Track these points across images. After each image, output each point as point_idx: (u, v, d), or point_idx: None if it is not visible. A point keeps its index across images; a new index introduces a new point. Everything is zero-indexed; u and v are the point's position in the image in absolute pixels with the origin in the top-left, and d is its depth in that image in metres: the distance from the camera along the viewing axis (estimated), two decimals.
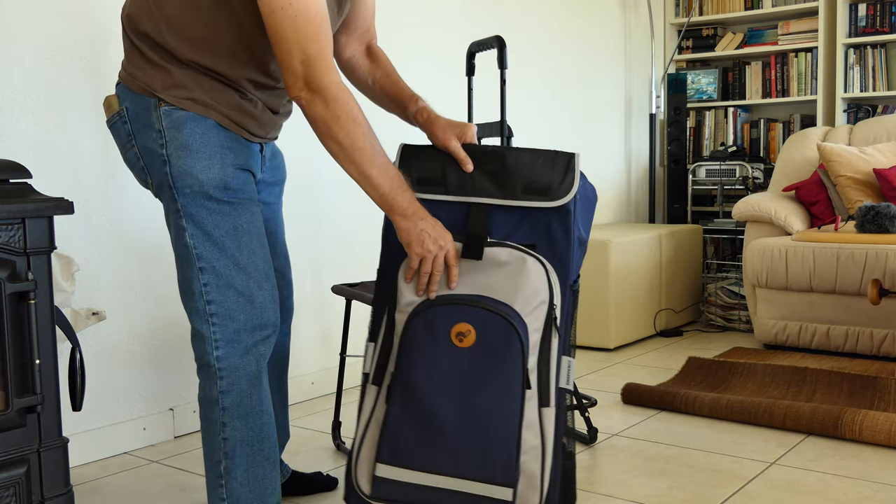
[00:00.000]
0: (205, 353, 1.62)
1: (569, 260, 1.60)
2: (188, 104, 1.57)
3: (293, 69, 1.47)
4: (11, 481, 1.57)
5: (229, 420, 1.63)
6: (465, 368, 1.52)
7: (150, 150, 1.60)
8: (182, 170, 1.57)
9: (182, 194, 1.58)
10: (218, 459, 1.65)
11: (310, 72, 1.47)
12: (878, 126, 4.06)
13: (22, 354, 1.59)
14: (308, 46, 1.47)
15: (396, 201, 1.54)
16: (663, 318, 4.07)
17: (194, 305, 1.62)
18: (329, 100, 1.48)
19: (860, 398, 2.80)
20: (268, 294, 1.65)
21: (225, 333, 1.61)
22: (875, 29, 4.39)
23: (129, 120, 1.61)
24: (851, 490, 2.11)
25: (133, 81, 1.60)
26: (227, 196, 1.60)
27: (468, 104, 2.78)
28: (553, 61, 4.21)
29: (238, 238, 1.61)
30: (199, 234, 1.60)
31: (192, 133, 1.57)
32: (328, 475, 2.20)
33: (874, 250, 3.31)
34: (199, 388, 1.66)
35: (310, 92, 1.48)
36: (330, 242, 3.09)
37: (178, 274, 1.65)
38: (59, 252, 1.99)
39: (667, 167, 4.77)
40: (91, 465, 2.41)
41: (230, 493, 1.65)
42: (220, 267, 1.60)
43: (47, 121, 2.30)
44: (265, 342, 1.66)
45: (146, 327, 2.56)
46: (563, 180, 1.60)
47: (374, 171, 1.52)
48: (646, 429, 2.63)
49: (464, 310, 1.53)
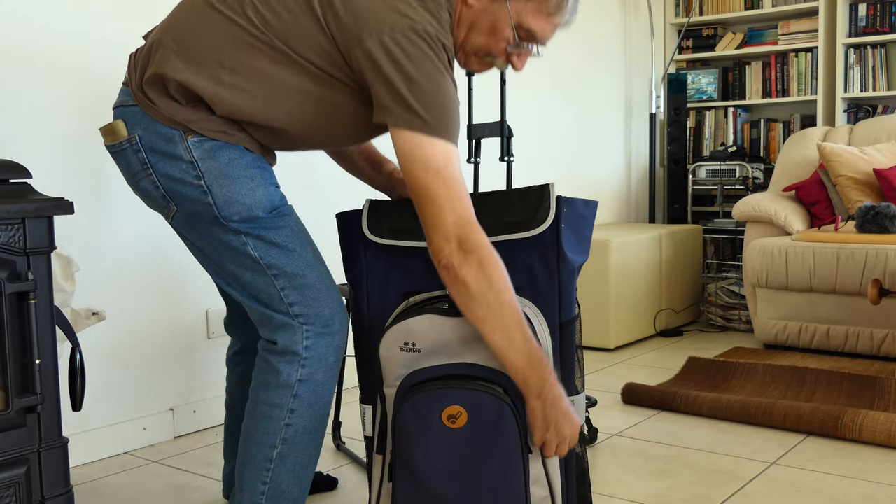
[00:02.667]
0: (293, 343, 1.63)
1: (554, 300, 1.57)
2: (220, 136, 1.57)
3: (445, 230, 1.44)
4: (11, 481, 1.57)
5: (298, 407, 1.64)
6: (463, 448, 1.49)
7: (177, 181, 1.58)
8: (227, 198, 1.58)
9: (232, 221, 1.59)
10: (273, 444, 1.65)
11: (464, 232, 1.44)
12: (878, 126, 4.06)
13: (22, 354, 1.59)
14: (460, 207, 1.45)
15: (528, 381, 1.47)
16: (663, 318, 4.07)
17: (277, 310, 1.63)
18: (483, 260, 1.44)
19: (860, 398, 2.80)
20: (334, 284, 1.69)
21: (315, 327, 1.64)
22: (875, 29, 4.39)
23: (142, 149, 1.59)
24: (851, 490, 2.11)
25: (153, 109, 1.57)
26: (274, 214, 1.62)
27: (468, 104, 2.78)
28: (553, 61, 4.21)
29: (298, 238, 1.64)
30: (261, 245, 1.61)
31: (229, 160, 1.58)
32: (328, 475, 2.20)
33: (874, 250, 3.31)
34: (269, 371, 1.65)
35: (463, 253, 1.44)
36: (330, 242, 3.09)
37: (245, 285, 1.64)
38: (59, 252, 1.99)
39: (667, 167, 4.77)
40: (91, 465, 2.42)
41: (274, 477, 1.65)
42: (293, 269, 1.62)
43: (47, 121, 2.30)
44: (346, 332, 1.69)
45: (146, 327, 2.56)
46: (537, 211, 1.58)
47: (520, 337, 1.45)
48: (646, 429, 2.63)
49: (451, 393, 1.48)
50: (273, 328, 1.66)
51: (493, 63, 1.66)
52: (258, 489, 1.66)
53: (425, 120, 1.44)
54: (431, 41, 1.47)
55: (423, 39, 1.46)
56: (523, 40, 1.62)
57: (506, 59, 1.64)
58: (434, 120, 1.45)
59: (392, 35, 1.45)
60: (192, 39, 1.56)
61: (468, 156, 2.77)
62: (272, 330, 1.66)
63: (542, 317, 1.56)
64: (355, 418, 2.79)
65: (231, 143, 1.58)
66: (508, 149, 2.68)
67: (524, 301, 1.56)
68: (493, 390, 1.48)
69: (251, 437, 1.68)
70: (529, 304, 1.56)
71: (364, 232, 1.65)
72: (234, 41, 1.53)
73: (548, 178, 4.20)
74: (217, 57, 1.54)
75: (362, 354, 1.70)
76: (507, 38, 1.60)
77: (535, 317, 1.54)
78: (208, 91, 1.54)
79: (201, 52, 1.54)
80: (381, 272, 1.65)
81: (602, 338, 3.74)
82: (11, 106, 2.23)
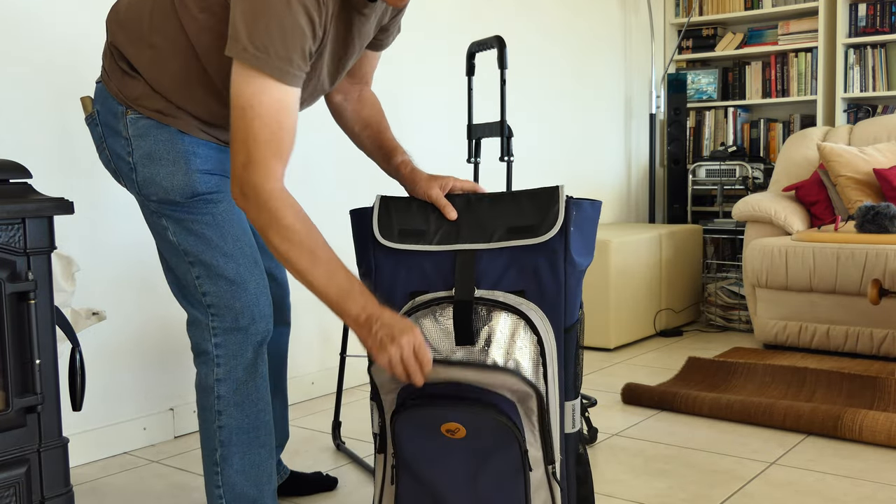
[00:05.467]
0: (202, 341, 1.64)
1: (559, 304, 1.56)
2: (155, 115, 1.58)
3: (235, 169, 1.42)
4: (11, 481, 1.57)
5: (225, 408, 1.64)
6: (463, 457, 1.49)
7: (118, 156, 1.62)
8: (146, 177, 1.60)
9: (150, 201, 1.61)
10: (213, 447, 1.66)
11: (246, 175, 1.40)
12: (878, 126, 4.06)
13: (22, 354, 1.59)
14: (254, 150, 1.39)
15: (346, 309, 1.44)
16: (663, 318, 4.07)
17: (190, 298, 1.64)
18: (261, 206, 1.41)
19: (860, 398, 2.80)
20: (260, 280, 1.66)
21: (223, 322, 1.63)
22: (875, 29, 4.39)
23: (99, 123, 1.64)
24: (851, 490, 2.11)
25: (109, 83, 1.62)
26: (195, 200, 1.60)
27: (468, 104, 2.78)
28: (553, 61, 4.21)
29: (219, 228, 1.62)
30: (180, 231, 1.61)
31: (156, 140, 1.58)
32: (328, 475, 2.20)
33: (874, 250, 3.31)
34: (196, 375, 1.67)
35: (243, 197, 1.42)
36: (329, 242, 3.08)
37: (171, 271, 1.67)
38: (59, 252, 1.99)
39: (667, 167, 4.77)
40: (91, 465, 2.41)
41: (226, 480, 1.66)
42: (208, 258, 1.62)
43: (47, 121, 2.30)
44: (262, 328, 1.66)
45: (146, 327, 2.56)
46: (546, 215, 1.56)
47: (317, 280, 1.43)
48: (646, 429, 2.63)
49: (447, 412, 1.46)
50: (187, 324, 1.68)
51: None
52: (215, 493, 1.68)
53: (245, 49, 1.37)
54: None
55: None
56: None
57: None
58: (255, 49, 1.37)
59: None
60: (130, 7, 1.60)
61: (468, 156, 2.77)
62: (187, 326, 1.68)
63: (547, 321, 1.56)
64: (355, 418, 2.79)
65: (166, 123, 1.58)
66: (508, 149, 2.68)
67: (528, 304, 1.55)
68: (491, 405, 1.46)
69: (200, 442, 1.70)
70: (534, 307, 1.55)
71: (374, 234, 1.65)
72: (157, 4, 1.56)
73: (548, 178, 4.20)
74: (143, 25, 1.57)
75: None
76: None
77: (539, 320, 1.53)
78: (140, 59, 1.57)
79: (132, 19, 1.58)
80: (389, 271, 1.65)
81: (602, 338, 3.74)
82: (11, 106, 2.23)
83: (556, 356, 1.55)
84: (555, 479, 1.53)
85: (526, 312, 1.50)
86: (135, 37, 1.58)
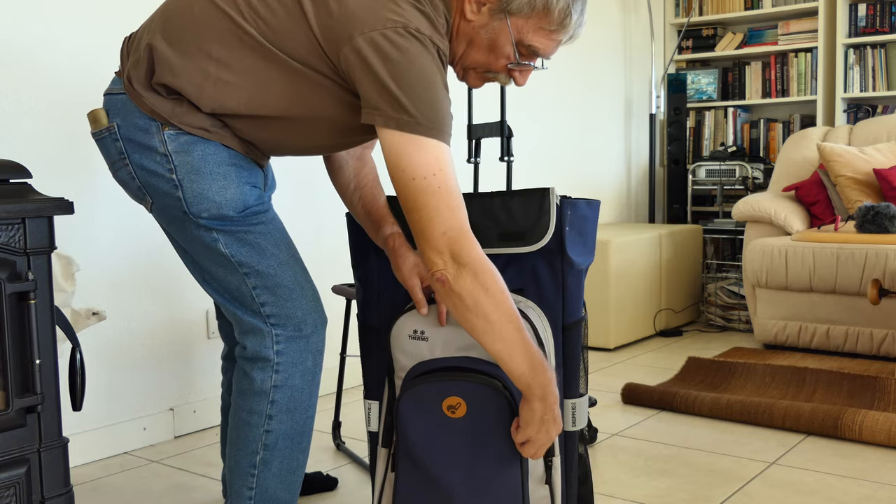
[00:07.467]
0: (263, 348, 1.61)
1: (558, 302, 1.56)
2: (199, 132, 1.54)
3: (435, 242, 1.37)
4: (11, 481, 1.57)
5: (277, 413, 1.62)
6: (462, 438, 1.49)
7: (151, 173, 1.56)
8: (197, 193, 1.55)
9: (201, 218, 1.56)
10: (255, 450, 1.64)
11: (457, 245, 1.37)
12: (878, 126, 4.06)
13: (22, 354, 1.59)
14: (451, 218, 1.37)
15: (539, 381, 1.42)
16: (663, 318, 4.07)
17: (248, 309, 1.61)
18: (478, 272, 1.37)
19: (860, 398, 2.80)
20: (314, 286, 1.65)
21: (286, 330, 1.61)
22: (875, 29, 4.39)
23: (120, 138, 1.57)
24: (851, 490, 2.11)
25: (139, 98, 1.55)
26: (246, 213, 1.58)
27: (468, 104, 2.78)
28: (553, 61, 4.21)
29: (272, 237, 1.61)
30: (233, 242, 1.58)
31: (203, 155, 1.54)
32: (328, 475, 2.20)
33: (874, 250, 3.32)
34: (244, 378, 1.64)
35: (458, 266, 1.37)
36: (330, 242, 3.09)
37: (218, 282, 1.62)
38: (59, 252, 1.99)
39: (667, 167, 4.77)
40: (91, 465, 2.41)
41: (261, 482, 1.64)
42: (264, 268, 1.59)
43: (47, 121, 2.30)
44: (323, 336, 1.66)
45: (146, 327, 2.56)
46: (537, 222, 1.54)
47: (521, 346, 1.40)
48: (646, 429, 2.63)
49: (451, 384, 1.47)
50: (242, 332, 1.63)
51: (495, 78, 1.60)
52: (245, 495, 1.66)
53: (415, 118, 1.37)
54: (424, 39, 1.41)
55: (416, 37, 1.40)
56: (525, 57, 1.54)
57: (507, 74, 1.58)
58: (424, 118, 1.37)
59: (384, 32, 1.39)
60: (184, 29, 1.53)
61: (468, 156, 2.77)
62: (242, 334, 1.63)
63: (545, 318, 1.56)
64: (355, 418, 2.79)
65: (209, 139, 1.54)
66: (508, 149, 2.68)
67: (527, 301, 1.56)
68: (492, 383, 1.47)
69: (235, 444, 1.67)
70: (533, 304, 1.56)
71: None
72: (224, 34, 1.50)
73: (548, 178, 4.20)
74: (206, 49, 1.50)
75: (369, 351, 1.70)
76: (507, 55, 1.52)
77: (537, 318, 1.53)
78: (192, 85, 1.51)
79: (190, 43, 1.51)
80: (389, 274, 1.65)
81: (602, 338, 3.74)
82: (12, 106, 2.23)
83: (553, 353, 1.55)
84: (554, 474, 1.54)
85: (524, 310, 1.50)
86: (193, 64, 1.52)
